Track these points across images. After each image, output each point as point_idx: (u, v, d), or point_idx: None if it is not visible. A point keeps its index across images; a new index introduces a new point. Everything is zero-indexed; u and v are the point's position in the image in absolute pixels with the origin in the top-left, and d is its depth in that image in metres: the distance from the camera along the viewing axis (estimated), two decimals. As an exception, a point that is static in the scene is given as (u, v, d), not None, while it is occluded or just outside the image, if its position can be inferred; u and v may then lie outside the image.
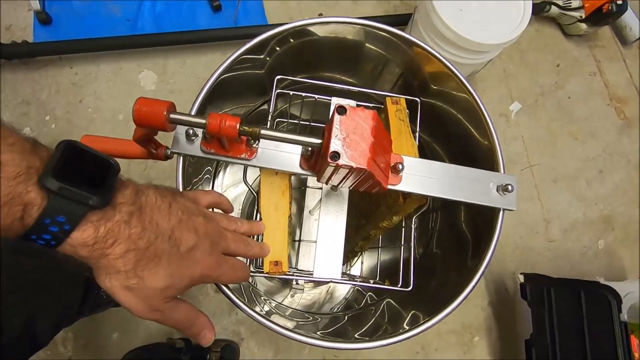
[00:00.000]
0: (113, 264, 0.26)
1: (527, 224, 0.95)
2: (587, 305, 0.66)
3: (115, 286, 0.27)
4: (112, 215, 0.26)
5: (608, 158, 1.01)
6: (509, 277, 0.90)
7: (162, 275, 0.28)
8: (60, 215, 0.23)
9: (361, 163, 0.27)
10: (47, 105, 0.90)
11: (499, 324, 0.87)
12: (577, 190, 0.98)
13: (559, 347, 0.67)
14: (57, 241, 0.24)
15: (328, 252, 0.43)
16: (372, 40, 0.49)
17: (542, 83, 1.05)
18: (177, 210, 0.30)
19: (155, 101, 0.28)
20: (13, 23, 0.93)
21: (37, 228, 0.23)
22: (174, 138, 0.33)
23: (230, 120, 0.28)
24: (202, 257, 0.31)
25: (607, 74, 1.08)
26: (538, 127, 1.02)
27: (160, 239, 0.28)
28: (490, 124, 0.43)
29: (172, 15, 0.97)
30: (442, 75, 0.47)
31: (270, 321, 0.36)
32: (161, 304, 0.29)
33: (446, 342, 0.86)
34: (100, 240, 0.25)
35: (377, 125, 0.28)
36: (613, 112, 1.05)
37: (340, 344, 0.38)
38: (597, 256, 0.94)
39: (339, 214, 0.45)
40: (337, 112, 0.27)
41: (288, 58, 0.50)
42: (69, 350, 0.80)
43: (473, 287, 0.38)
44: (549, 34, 1.09)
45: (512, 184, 0.35)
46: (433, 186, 0.35)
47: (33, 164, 0.23)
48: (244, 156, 0.33)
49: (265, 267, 0.42)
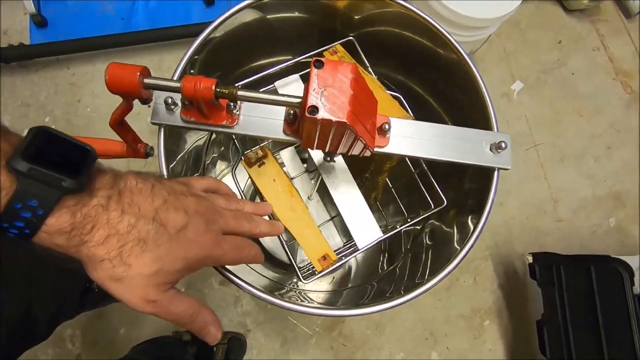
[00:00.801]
0: (95, 251, 0.25)
1: (534, 204, 0.93)
2: (598, 280, 0.64)
3: (103, 277, 0.26)
4: (89, 199, 0.25)
5: (615, 134, 0.98)
6: (517, 259, 0.88)
7: (149, 260, 0.27)
8: (32, 199, 0.22)
9: (340, 116, 0.26)
10: (46, 107, 0.91)
11: (509, 306, 0.85)
12: (585, 168, 0.96)
13: (571, 325, 0.64)
14: (31, 229, 0.23)
15: (358, 220, 0.43)
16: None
17: (544, 61, 1.03)
18: (162, 191, 0.29)
19: (128, 65, 0.27)
20: (10, 27, 0.94)
21: (8, 214, 0.22)
22: (153, 109, 0.33)
23: (206, 82, 0.27)
24: (196, 236, 0.29)
25: (611, 48, 1.05)
26: (542, 105, 0.99)
27: (143, 221, 0.27)
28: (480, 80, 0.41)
29: (165, 10, 0.98)
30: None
31: (268, 294, 0.35)
32: (155, 293, 0.27)
33: (455, 327, 0.84)
34: (78, 227, 0.24)
35: (356, 78, 0.27)
36: (619, 87, 1.02)
37: (336, 311, 0.37)
38: (609, 234, 0.91)
39: (348, 183, 0.44)
40: (315, 65, 0.26)
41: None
42: (77, 348, 0.80)
43: (471, 246, 0.36)
44: (549, 11, 1.07)
45: (506, 141, 0.33)
46: (423, 147, 0.33)
47: (2, 148, 0.22)
48: (225, 123, 0.32)
49: (317, 266, 0.41)
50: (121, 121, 0.31)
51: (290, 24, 0.49)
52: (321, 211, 0.67)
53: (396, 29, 0.48)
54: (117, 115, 0.30)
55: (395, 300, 0.35)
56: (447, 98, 0.51)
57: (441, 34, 0.44)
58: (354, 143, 0.30)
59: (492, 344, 0.83)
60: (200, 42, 0.40)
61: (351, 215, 0.43)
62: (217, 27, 0.42)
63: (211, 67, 0.45)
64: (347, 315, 0.35)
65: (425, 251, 0.52)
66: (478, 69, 0.42)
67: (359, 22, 0.49)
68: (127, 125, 0.33)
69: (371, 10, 0.47)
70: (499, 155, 0.34)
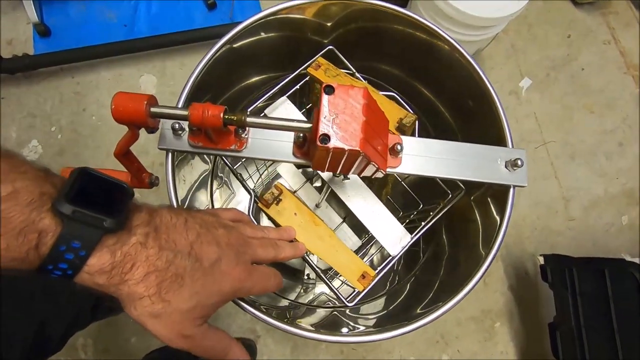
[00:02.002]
0: (135, 289, 0.25)
1: (545, 203, 0.91)
2: (612, 285, 0.63)
3: (142, 314, 0.26)
4: (128, 238, 0.25)
5: (628, 129, 0.97)
6: (528, 260, 0.87)
7: (187, 295, 0.27)
8: (76, 240, 0.23)
9: (353, 144, 0.25)
10: (52, 117, 0.91)
11: (521, 308, 0.84)
12: (597, 165, 0.94)
13: (584, 329, 0.64)
14: (74, 270, 0.23)
15: (385, 227, 0.42)
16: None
17: (552, 56, 1.01)
18: (194, 225, 0.29)
19: (134, 94, 0.27)
20: (14, 37, 0.94)
21: (52, 256, 0.23)
22: (160, 135, 0.32)
23: (214, 109, 0.27)
24: (229, 268, 0.29)
25: (622, 41, 1.03)
26: (551, 102, 0.98)
27: (180, 257, 0.27)
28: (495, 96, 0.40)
29: (167, 15, 0.97)
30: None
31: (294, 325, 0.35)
32: (191, 328, 0.27)
33: (466, 329, 0.84)
34: (118, 265, 0.24)
35: (368, 103, 0.26)
36: (631, 81, 1.00)
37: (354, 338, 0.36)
38: (622, 232, 0.90)
39: (364, 192, 0.43)
40: (325, 91, 0.26)
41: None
42: (89, 356, 0.81)
43: (486, 268, 0.36)
44: (557, 5, 1.04)
45: (522, 159, 0.33)
46: (436, 166, 0.33)
47: (46, 191, 0.23)
48: (234, 147, 0.31)
49: (358, 287, 0.40)
50: (126, 151, 0.31)
51: (269, 44, 0.49)
52: (332, 215, 0.66)
53: (372, 23, 0.47)
54: (122, 145, 0.30)
55: (423, 319, 0.34)
56: (457, 107, 0.50)
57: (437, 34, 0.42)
58: (366, 166, 0.30)
59: (504, 347, 0.82)
60: (202, 67, 0.39)
61: (375, 224, 0.42)
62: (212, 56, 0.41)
63: (204, 87, 0.45)
64: (378, 339, 0.35)
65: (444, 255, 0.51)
66: (489, 78, 0.41)
67: (332, 28, 0.49)
68: (133, 155, 0.32)
69: (339, 14, 0.46)
70: (514, 172, 0.33)
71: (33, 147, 0.89)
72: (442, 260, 0.52)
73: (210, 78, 0.42)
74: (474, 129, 0.46)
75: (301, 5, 0.43)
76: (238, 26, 0.42)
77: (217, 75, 0.44)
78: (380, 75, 0.54)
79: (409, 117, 0.43)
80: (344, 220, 0.65)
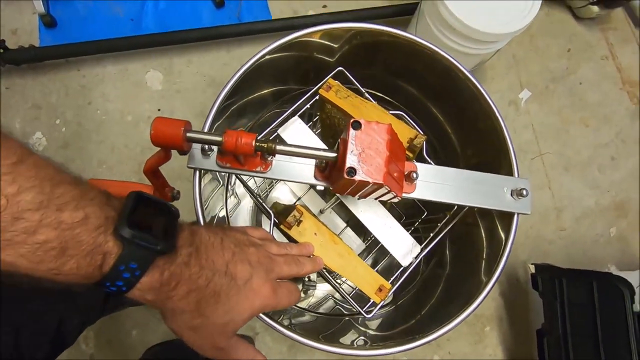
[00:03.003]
0: (177, 305, 0.27)
1: (539, 212, 0.95)
2: (599, 297, 0.66)
3: (181, 327, 0.29)
4: (175, 258, 0.27)
5: (621, 144, 1.00)
6: (520, 267, 0.90)
7: (222, 311, 0.29)
8: (133, 261, 0.25)
9: (377, 178, 0.27)
10: (57, 109, 0.91)
11: (510, 314, 0.88)
12: (589, 178, 0.98)
13: (571, 337, 0.67)
14: (128, 287, 0.25)
15: (395, 239, 0.44)
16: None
17: (552, 69, 1.03)
18: (230, 244, 0.31)
19: (171, 121, 0.28)
20: (19, 27, 0.93)
21: (112, 275, 0.25)
22: (189, 154, 0.34)
23: (246, 137, 0.28)
24: (259, 286, 0.31)
25: (619, 57, 1.05)
26: (549, 114, 1.00)
27: (218, 276, 0.29)
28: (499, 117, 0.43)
29: (175, 12, 0.97)
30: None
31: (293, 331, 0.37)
32: (224, 341, 0.30)
33: (458, 331, 0.87)
34: (165, 284, 0.26)
35: (392, 138, 0.28)
36: (626, 97, 1.03)
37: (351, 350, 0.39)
38: (610, 243, 0.94)
39: (374, 205, 0.45)
40: (352, 127, 0.28)
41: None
42: (90, 348, 0.82)
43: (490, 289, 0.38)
44: (559, 18, 1.06)
45: (527, 189, 0.35)
46: (447, 192, 0.35)
47: (109, 215, 0.25)
48: (259, 169, 0.33)
49: (376, 299, 0.42)
50: (155, 170, 0.32)
51: (276, 61, 0.51)
52: (336, 220, 0.68)
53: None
54: (152, 164, 0.31)
55: (427, 337, 0.37)
56: (464, 129, 0.52)
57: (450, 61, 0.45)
58: (384, 194, 0.31)
59: (493, 350, 0.86)
60: (227, 91, 0.41)
61: (386, 235, 0.44)
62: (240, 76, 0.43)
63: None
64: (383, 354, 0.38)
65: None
66: (490, 88, 0.43)
67: (339, 48, 0.51)
68: (160, 173, 0.34)
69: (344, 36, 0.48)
70: (519, 201, 0.35)
71: (37, 139, 0.89)
72: (444, 270, 0.55)
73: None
74: (481, 153, 0.48)
75: (311, 32, 0.44)
76: (263, 50, 0.43)
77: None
78: (389, 92, 0.56)
79: (419, 138, 0.45)
80: (347, 225, 0.67)
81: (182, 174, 0.77)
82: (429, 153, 0.42)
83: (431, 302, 0.51)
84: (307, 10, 1.00)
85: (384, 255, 0.57)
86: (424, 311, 0.50)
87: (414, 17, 0.89)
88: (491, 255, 0.41)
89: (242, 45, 0.96)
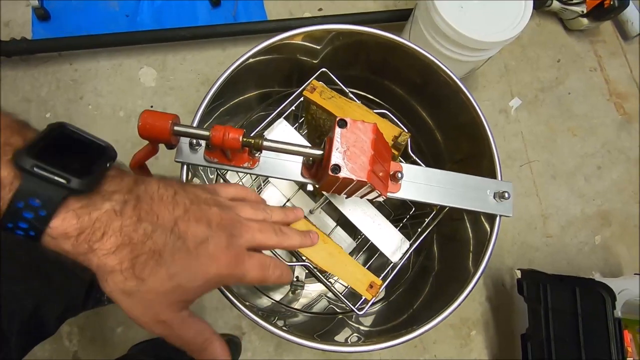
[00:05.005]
0: (105, 261, 0.23)
1: (526, 219, 0.96)
2: (582, 302, 0.67)
3: (114, 290, 0.24)
4: (101, 203, 0.23)
5: (607, 154, 1.02)
6: (506, 272, 0.92)
7: (164, 275, 0.24)
8: (35, 198, 0.21)
9: (361, 176, 0.28)
10: (48, 102, 0.90)
11: (496, 318, 0.89)
12: (576, 186, 0.99)
13: (554, 342, 0.68)
14: (35, 231, 0.22)
15: (384, 236, 0.44)
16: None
17: (542, 78, 1.05)
18: (184, 200, 0.26)
19: (160, 114, 0.29)
20: (12, 19, 0.93)
21: (10, 214, 0.21)
22: (177, 148, 0.34)
23: (234, 132, 0.29)
24: (217, 252, 0.26)
25: (607, 69, 1.08)
26: (538, 123, 1.02)
27: (160, 232, 0.24)
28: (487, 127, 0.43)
29: (171, 10, 0.97)
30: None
31: (271, 324, 0.38)
32: (168, 313, 0.25)
33: (444, 335, 0.88)
34: (86, 232, 0.22)
35: (377, 137, 0.29)
36: (613, 108, 1.05)
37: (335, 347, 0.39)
38: (594, 251, 0.95)
39: (362, 204, 0.45)
40: (338, 125, 0.28)
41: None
42: (74, 345, 0.81)
43: (471, 289, 0.39)
44: (550, 29, 1.09)
45: (509, 191, 0.36)
46: (432, 193, 0.35)
47: (13, 143, 0.21)
48: (247, 165, 0.33)
49: (367, 296, 0.42)
50: (142, 165, 0.32)
51: (266, 64, 0.51)
52: (326, 220, 0.69)
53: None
54: (140, 158, 0.31)
55: (413, 332, 0.37)
56: (450, 130, 0.53)
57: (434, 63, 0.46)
58: (369, 192, 0.32)
59: (478, 354, 0.87)
60: (215, 90, 0.41)
61: (374, 233, 0.45)
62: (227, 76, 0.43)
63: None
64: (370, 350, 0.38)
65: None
66: (475, 100, 0.44)
67: (321, 50, 0.51)
68: (146, 167, 0.34)
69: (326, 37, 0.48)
70: (501, 203, 0.36)
71: (27, 132, 0.88)
72: (432, 265, 0.55)
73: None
74: (464, 150, 0.49)
75: (294, 35, 0.45)
76: (246, 54, 0.43)
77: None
78: (373, 91, 0.57)
79: (404, 135, 0.45)
80: (337, 224, 0.67)
81: (173, 171, 0.77)
82: (414, 150, 0.43)
83: (422, 296, 0.52)
84: (303, 12, 1.01)
85: (375, 252, 0.57)
86: (416, 305, 0.50)
87: (408, 23, 0.90)
88: (477, 247, 0.42)
89: (237, 44, 0.97)
